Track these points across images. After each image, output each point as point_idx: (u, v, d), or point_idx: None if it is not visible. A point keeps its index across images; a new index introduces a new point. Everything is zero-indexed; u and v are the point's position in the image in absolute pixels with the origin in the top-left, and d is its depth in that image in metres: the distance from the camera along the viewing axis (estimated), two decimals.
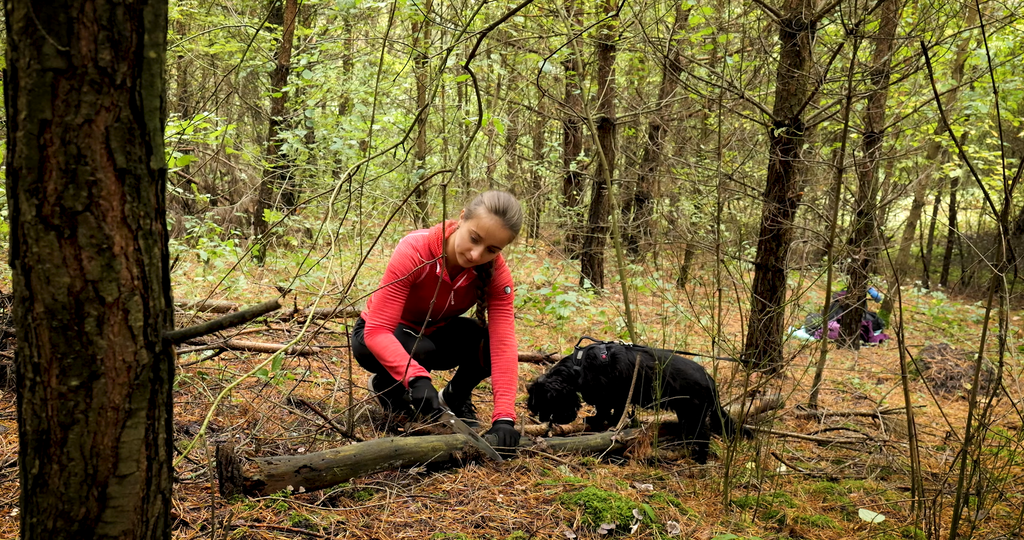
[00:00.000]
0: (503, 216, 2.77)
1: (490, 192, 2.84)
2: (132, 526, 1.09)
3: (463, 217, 2.86)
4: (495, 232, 2.77)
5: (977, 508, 2.31)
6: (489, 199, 2.80)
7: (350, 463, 2.22)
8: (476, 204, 2.82)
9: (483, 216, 2.77)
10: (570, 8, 7.39)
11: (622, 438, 2.88)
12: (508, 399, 2.84)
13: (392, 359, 2.78)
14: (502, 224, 2.77)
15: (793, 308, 6.92)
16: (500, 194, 2.83)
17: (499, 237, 2.79)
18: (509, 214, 2.78)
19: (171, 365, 1.12)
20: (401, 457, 2.37)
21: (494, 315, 2.99)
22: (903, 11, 6.34)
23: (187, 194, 9.47)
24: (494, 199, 2.79)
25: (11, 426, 2.42)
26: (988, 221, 16.81)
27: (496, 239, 2.79)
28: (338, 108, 12.43)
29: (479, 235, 2.77)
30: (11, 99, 0.98)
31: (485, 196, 2.82)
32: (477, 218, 2.78)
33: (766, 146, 5.88)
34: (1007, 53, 6.84)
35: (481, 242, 2.78)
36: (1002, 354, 2.09)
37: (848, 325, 6.73)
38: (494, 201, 2.79)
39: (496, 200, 2.79)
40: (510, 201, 2.80)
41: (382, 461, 2.33)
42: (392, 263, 2.88)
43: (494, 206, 2.77)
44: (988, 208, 13.28)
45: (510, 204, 2.79)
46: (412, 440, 2.43)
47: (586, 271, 8.56)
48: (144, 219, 1.04)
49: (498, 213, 2.76)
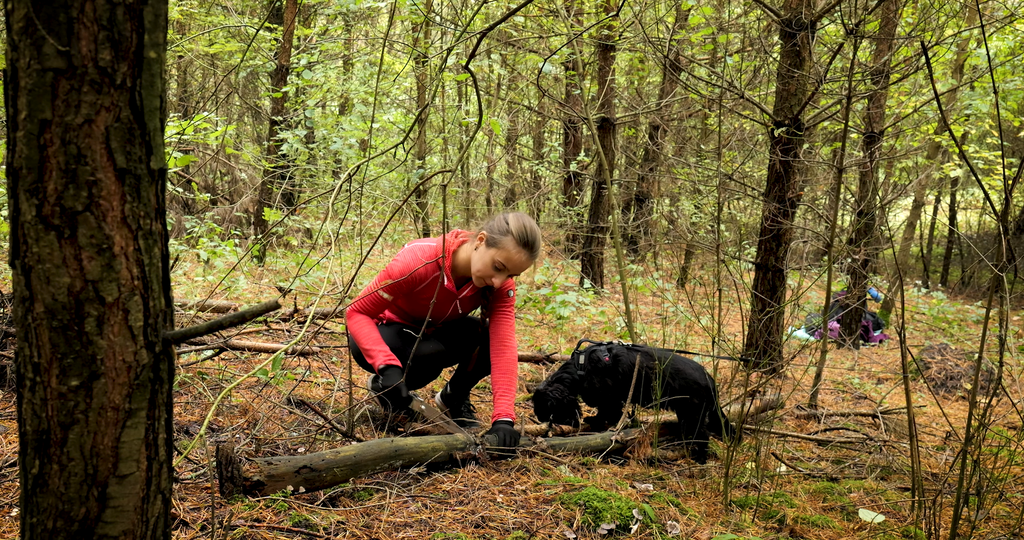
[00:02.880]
0: (531, 249, 2.71)
1: (515, 219, 2.72)
2: (132, 526, 1.09)
3: (483, 242, 2.77)
4: (521, 264, 2.74)
5: (977, 508, 2.31)
6: (517, 230, 2.70)
7: (350, 463, 2.23)
8: (502, 233, 2.72)
9: (511, 249, 2.70)
10: (570, 8, 7.39)
11: (622, 438, 2.88)
12: (508, 400, 2.84)
13: (366, 343, 2.77)
14: (529, 257, 2.72)
15: (793, 308, 6.92)
16: (525, 222, 2.72)
17: (524, 267, 2.76)
18: (536, 246, 2.72)
19: (171, 365, 1.12)
20: (401, 457, 2.37)
21: (496, 317, 2.98)
22: (903, 11, 6.33)
23: (187, 194, 9.47)
24: (521, 230, 2.70)
25: (11, 426, 2.42)
26: (988, 221, 16.81)
27: (520, 269, 2.76)
28: (338, 108, 12.43)
29: (504, 265, 2.73)
30: (11, 99, 0.98)
31: (511, 224, 2.71)
32: (504, 250, 2.70)
33: (766, 146, 5.88)
34: (1007, 53, 6.84)
35: (504, 272, 2.76)
36: (1002, 354, 2.09)
37: (848, 325, 6.73)
38: (522, 232, 2.69)
39: (523, 232, 2.70)
40: (535, 231, 2.72)
41: (382, 461, 2.33)
42: (390, 266, 2.85)
43: (523, 239, 2.69)
44: (988, 208, 13.29)
45: (536, 235, 2.71)
46: (412, 440, 2.43)
47: (586, 271, 8.56)
48: (144, 219, 1.04)
49: (527, 246, 2.70)
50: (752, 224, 11.01)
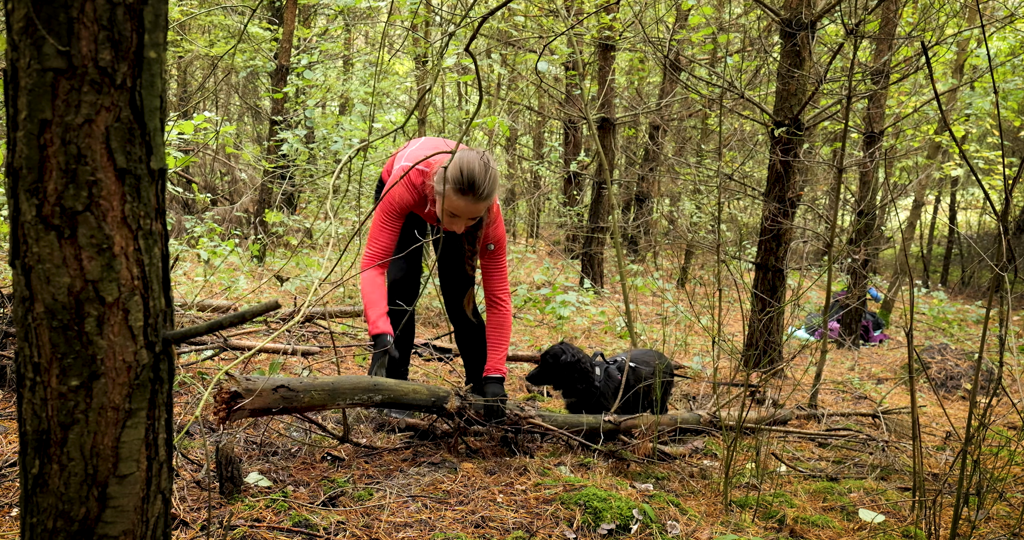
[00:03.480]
0: (474, 193, 2.53)
1: (453, 164, 2.52)
2: (132, 526, 1.09)
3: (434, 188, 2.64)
4: (468, 210, 2.58)
5: (977, 508, 2.31)
6: (453, 173, 2.52)
7: (328, 389, 2.23)
8: (441, 181, 2.57)
9: (453, 197, 2.55)
10: (570, 8, 7.38)
11: (615, 419, 2.87)
12: (499, 354, 2.78)
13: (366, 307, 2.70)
14: (472, 201, 2.55)
15: (793, 308, 6.92)
16: (463, 165, 2.51)
17: (475, 211, 2.60)
18: (478, 187, 2.52)
19: (171, 365, 1.12)
20: (380, 392, 2.35)
21: (484, 272, 2.88)
22: (903, 11, 6.33)
23: (187, 194, 9.47)
24: (457, 177, 2.52)
25: (11, 426, 2.42)
26: (988, 221, 16.81)
27: (473, 213, 2.61)
28: (338, 108, 12.42)
29: (454, 213, 2.61)
30: (11, 99, 0.98)
31: (449, 172, 2.53)
32: (448, 198, 2.56)
33: (766, 146, 5.88)
34: (1007, 53, 6.84)
35: (459, 218, 2.63)
36: (1002, 354, 2.09)
37: (848, 325, 6.73)
38: (457, 179, 2.52)
39: (459, 179, 2.52)
40: (473, 170, 2.50)
41: (360, 393, 2.31)
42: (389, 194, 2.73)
43: (460, 186, 2.52)
44: (988, 208, 13.28)
45: (474, 175, 2.50)
46: (393, 381, 2.44)
47: (586, 271, 8.56)
48: (144, 219, 1.04)
49: (466, 192, 2.53)
50: (752, 224, 11.01)
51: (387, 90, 10.75)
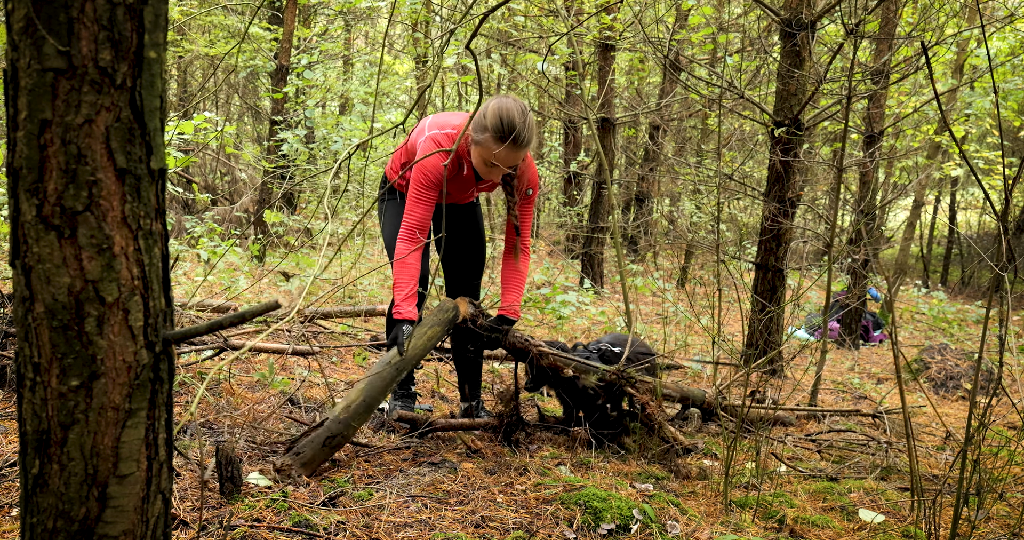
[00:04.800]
0: (516, 142, 2.49)
1: (493, 111, 2.49)
2: (132, 526, 1.09)
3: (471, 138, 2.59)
4: (508, 159, 2.55)
5: (977, 508, 2.31)
6: (492, 122, 2.49)
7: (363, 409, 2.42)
8: (481, 130, 2.53)
9: (492, 146, 2.51)
10: (570, 8, 7.39)
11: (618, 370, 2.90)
12: (515, 296, 2.85)
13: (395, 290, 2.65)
14: (512, 149, 2.51)
15: (793, 308, 6.92)
16: (502, 113, 2.48)
17: (514, 160, 2.57)
18: (521, 137, 2.49)
19: (171, 365, 1.12)
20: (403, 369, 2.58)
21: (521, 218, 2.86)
22: (903, 11, 6.34)
23: (187, 194, 9.47)
24: (497, 125, 2.48)
25: (11, 426, 2.42)
26: (988, 221, 16.80)
27: (512, 162, 2.58)
28: (338, 108, 12.42)
29: (492, 162, 2.58)
30: (11, 99, 0.98)
31: (488, 118, 2.50)
32: (487, 148, 2.53)
33: (766, 146, 5.88)
34: (1007, 53, 6.84)
35: (497, 168, 2.60)
36: (1002, 354, 2.09)
37: (848, 325, 6.73)
38: (498, 127, 2.48)
39: (500, 126, 2.48)
40: (513, 120, 2.47)
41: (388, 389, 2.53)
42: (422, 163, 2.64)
43: (500, 133, 2.48)
44: (988, 208, 13.28)
45: (515, 124, 2.47)
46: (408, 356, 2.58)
47: (586, 271, 8.56)
48: (144, 219, 1.04)
49: (504, 139, 2.48)
50: (752, 224, 11.01)
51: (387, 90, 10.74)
